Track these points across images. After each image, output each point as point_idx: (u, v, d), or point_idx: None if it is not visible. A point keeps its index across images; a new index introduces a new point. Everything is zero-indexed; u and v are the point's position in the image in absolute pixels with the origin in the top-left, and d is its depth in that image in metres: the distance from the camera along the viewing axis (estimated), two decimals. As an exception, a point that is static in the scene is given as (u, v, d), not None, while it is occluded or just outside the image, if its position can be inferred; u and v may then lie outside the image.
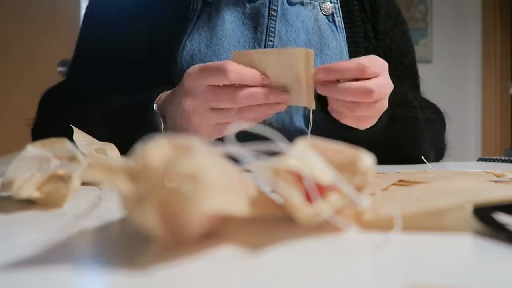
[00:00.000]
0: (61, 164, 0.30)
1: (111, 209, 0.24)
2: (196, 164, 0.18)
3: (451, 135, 0.88)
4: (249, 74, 0.52)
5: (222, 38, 0.71)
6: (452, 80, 2.81)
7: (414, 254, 0.20)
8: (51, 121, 0.75)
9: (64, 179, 0.29)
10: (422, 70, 0.91)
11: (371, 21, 0.81)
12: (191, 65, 0.69)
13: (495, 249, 0.20)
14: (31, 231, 0.24)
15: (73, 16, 1.94)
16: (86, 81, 0.76)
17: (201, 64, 0.54)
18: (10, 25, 1.88)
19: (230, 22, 0.72)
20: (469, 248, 0.21)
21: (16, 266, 0.17)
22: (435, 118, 0.84)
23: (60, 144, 0.31)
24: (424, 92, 0.89)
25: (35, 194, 0.29)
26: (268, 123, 0.70)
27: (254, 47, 0.71)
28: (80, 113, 0.70)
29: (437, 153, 0.86)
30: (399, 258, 0.19)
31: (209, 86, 0.53)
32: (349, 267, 0.18)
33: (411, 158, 0.77)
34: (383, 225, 0.23)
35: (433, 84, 0.90)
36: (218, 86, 0.52)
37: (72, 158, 0.30)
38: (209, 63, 0.53)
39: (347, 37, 0.77)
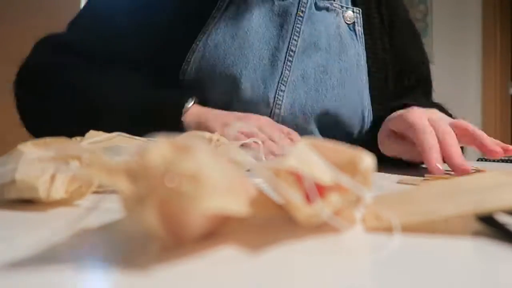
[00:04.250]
0: (78, 165, 0.30)
1: (111, 209, 0.24)
2: (196, 164, 0.18)
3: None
4: None
5: (248, 32, 0.71)
6: (452, 80, 2.81)
7: (414, 254, 0.20)
8: (47, 69, 0.71)
9: (82, 178, 0.30)
10: (422, 69, 0.91)
11: (388, 34, 0.82)
12: (214, 54, 0.69)
13: (495, 249, 0.20)
14: (31, 231, 0.24)
15: (72, 13, 1.94)
16: (91, 39, 0.73)
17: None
18: (10, 24, 1.88)
19: (258, 17, 0.73)
20: (469, 248, 0.21)
21: (16, 266, 0.17)
22: None
23: (61, 143, 0.31)
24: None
25: (63, 195, 0.29)
26: None
27: (278, 44, 0.72)
28: (87, 81, 0.67)
29: None
30: (399, 258, 0.19)
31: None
32: (349, 267, 0.18)
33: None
34: (383, 229, 0.23)
35: (433, 84, 0.91)
36: None
37: (77, 158, 0.30)
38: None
39: (366, 48, 0.78)
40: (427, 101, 0.85)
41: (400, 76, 0.84)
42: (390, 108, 0.68)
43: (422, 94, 0.86)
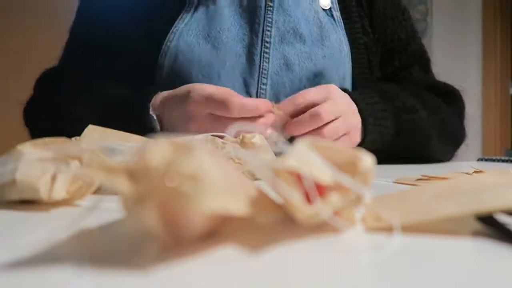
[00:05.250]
0: (79, 165, 0.30)
1: (111, 209, 0.24)
2: (196, 164, 0.18)
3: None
4: (251, 107, 0.57)
5: (221, 32, 0.71)
6: (452, 80, 2.80)
7: (414, 254, 0.20)
8: (45, 102, 0.77)
9: (82, 178, 0.30)
10: (422, 69, 0.91)
11: (368, 16, 0.81)
12: (188, 55, 0.70)
13: (495, 249, 0.20)
14: (31, 231, 0.24)
15: (72, 15, 1.94)
16: (80, 65, 0.78)
17: (206, 92, 0.58)
18: (10, 24, 1.88)
19: (228, 16, 0.72)
20: (469, 248, 0.21)
21: (16, 266, 0.17)
22: (441, 107, 0.83)
23: (60, 143, 0.31)
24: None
25: (64, 195, 0.29)
26: None
27: (252, 40, 0.72)
28: (74, 101, 0.71)
29: (452, 144, 0.86)
30: (399, 258, 0.19)
31: (211, 114, 0.58)
32: (349, 268, 0.18)
33: (422, 159, 0.78)
34: (383, 229, 0.23)
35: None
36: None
37: (78, 158, 0.30)
38: (215, 93, 0.57)
39: (346, 33, 0.77)
40: (427, 77, 0.86)
41: (388, 57, 0.83)
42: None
43: (419, 70, 0.86)
